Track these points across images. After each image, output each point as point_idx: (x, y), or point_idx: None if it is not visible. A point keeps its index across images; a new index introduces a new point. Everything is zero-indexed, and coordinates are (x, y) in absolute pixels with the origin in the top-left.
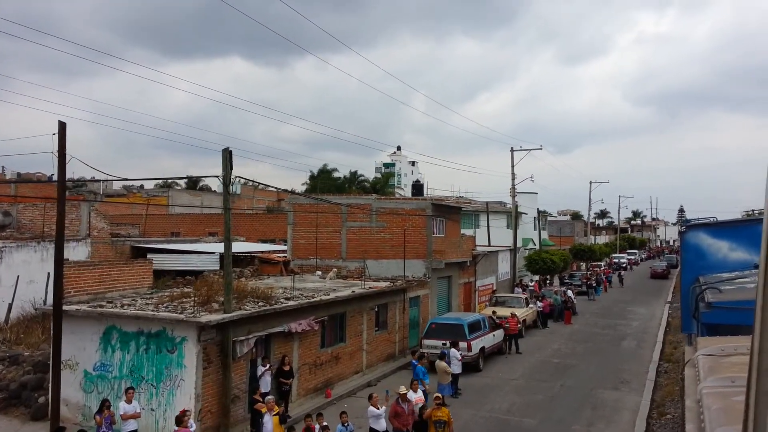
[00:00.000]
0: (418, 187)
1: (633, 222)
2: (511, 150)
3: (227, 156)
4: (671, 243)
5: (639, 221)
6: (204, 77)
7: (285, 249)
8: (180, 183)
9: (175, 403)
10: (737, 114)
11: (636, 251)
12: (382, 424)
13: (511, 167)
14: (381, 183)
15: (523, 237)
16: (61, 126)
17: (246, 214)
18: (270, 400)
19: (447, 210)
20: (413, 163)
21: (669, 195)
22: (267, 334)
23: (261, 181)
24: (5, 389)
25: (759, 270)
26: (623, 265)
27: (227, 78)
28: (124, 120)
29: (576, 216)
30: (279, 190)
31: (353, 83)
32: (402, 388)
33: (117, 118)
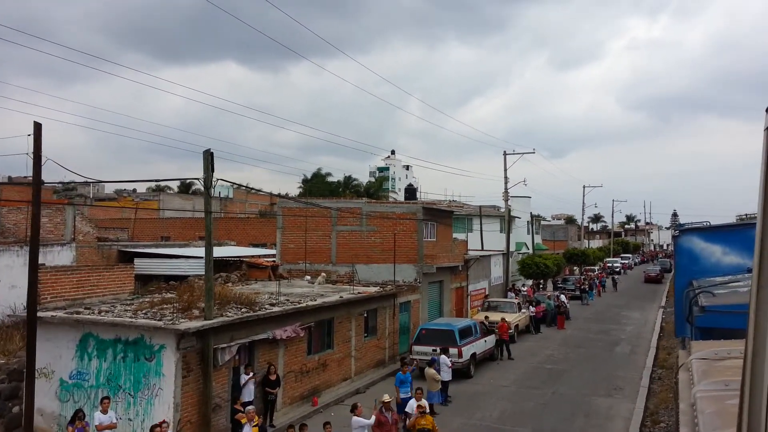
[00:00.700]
0: (411, 191)
1: (627, 226)
2: (504, 153)
3: (208, 158)
4: (665, 247)
5: (633, 225)
6: (199, 82)
7: (274, 253)
8: (172, 187)
9: (153, 413)
10: (729, 119)
11: (630, 255)
12: None
13: (504, 171)
14: (375, 187)
15: (517, 241)
16: (37, 127)
17: (238, 217)
18: (250, 410)
19: (438, 214)
20: (407, 167)
21: (662, 199)
22: (251, 341)
23: (251, 186)
24: None
25: (752, 274)
26: (617, 270)
27: (222, 82)
28: (117, 125)
29: (569, 220)
30: (266, 193)
31: (348, 88)
32: (386, 396)
33: (111, 123)
